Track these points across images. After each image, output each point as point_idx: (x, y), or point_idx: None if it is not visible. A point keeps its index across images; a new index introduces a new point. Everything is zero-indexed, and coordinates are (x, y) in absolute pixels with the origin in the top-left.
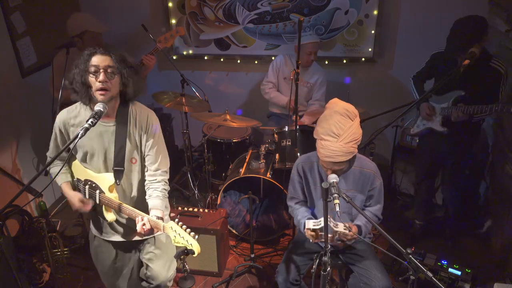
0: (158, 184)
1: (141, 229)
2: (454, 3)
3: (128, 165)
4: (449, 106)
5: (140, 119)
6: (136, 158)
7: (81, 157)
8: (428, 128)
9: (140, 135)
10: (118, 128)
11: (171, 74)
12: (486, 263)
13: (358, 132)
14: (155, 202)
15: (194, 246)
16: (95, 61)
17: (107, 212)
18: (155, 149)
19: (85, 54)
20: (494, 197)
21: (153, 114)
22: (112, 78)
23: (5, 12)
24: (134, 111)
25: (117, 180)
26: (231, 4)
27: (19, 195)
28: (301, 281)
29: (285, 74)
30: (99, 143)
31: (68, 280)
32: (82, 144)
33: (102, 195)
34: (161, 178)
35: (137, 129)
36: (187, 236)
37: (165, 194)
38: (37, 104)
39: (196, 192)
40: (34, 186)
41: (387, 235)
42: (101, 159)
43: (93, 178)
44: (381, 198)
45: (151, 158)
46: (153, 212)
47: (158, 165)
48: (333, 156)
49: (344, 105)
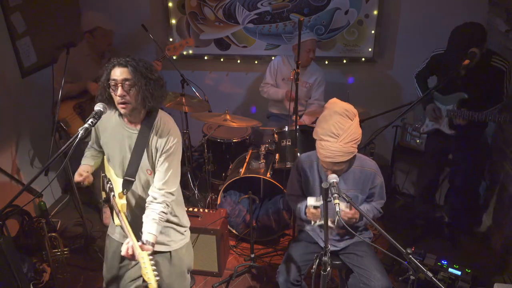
0: (157, 205)
1: (125, 252)
2: (454, 3)
3: (143, 176)
4: (454, 109)
5: (161, 133)
6: (151, 170)
7: (107, 156)
8: (436, 129)
9: (156, 148)
10: (140, 136)
11: (171, 74)
12: (486, 263)
13: (357, 131)
14: (150, 226)
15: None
16: (114, 74)
17: (115, 216)
18: (166, 166)
19: (107, 67)
20: (494, 197)
21: (176, 131)
22: (130, 91)
23: (5, 12)
24: (159, 123)
25: (124, 190)
26: (231, 4)
27: (19, 195)
28: (302, 281)
29: (283, 75)
30: (120, 148)
31: (68, 280)
32: (107, 143)
33: (113, 198)
34: (162, 199)
35: (157, 141)
36: (150, 273)
37: (162, 217)
38: (37, 104)
39: (196, 192)
40: (34, 186)
41: (387, 235)
42: (118, 164)
43: (112, 179)
44: (383, 194)
45: (160, 174)
46: (145, 236)
47: (163, 184)
48: (333, 157)
49: (343, 105)
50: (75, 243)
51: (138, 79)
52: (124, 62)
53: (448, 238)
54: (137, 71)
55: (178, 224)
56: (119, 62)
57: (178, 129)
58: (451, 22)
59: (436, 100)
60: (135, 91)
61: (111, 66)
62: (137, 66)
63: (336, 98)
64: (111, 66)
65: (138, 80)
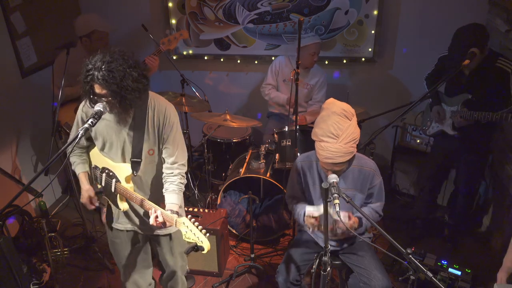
0: (174, 177)
1: (154, 221)
2: (454, 3)
3: (146, 157)
4: (458, 110)
5: (158, 111)
6: (153, 150)
7: (100, 146)
8: (440, 130)
9: (158, 127)
10: (137, 119)
11: (171, 74)
12: (486, 263)
13: (356, 131)
14: (171, 196)
15: (204, 244)
16: (96, 89)
17: (121, 201)
18: (172, 141)
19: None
20: (494, 197)
21: (171, 106)
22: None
23: (5, 12)
24: (152, 103)
25: (134, 171)
26: (231, 4)
27: (19, 195)
28: (302, 281)
29: (284, 76)
30: (118, 134)
31: (68, 280)
32: (102, 133)
33: (118, 184)
34: (178, 171)
35: (155, 121)
36: (198, 233)
37: (181, 188)
38: (37, 104)
39: (196, 192)
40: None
41: (387, 235)
42: (119, 149)
43: (110, 167)
44: (382, 195)
45: (169, 150)
46: (168, 206)
47: (175, 158)
48: (334, 158)
49: (341, 105)
50: (75, 243)
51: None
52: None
53: (448, 239)
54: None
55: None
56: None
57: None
58: (451, 22)
59: (443, 102)
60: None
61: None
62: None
63: (333, 98)
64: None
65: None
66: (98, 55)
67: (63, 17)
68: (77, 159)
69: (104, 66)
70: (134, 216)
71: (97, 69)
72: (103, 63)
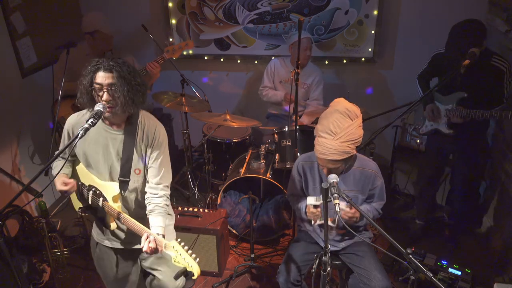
0: (160, 199)
1: (147, 248)
2: (454, 3)
3: (132, 176)
4: (453, 108)
5: (148, 131)
6: (140, 169)
7: (86, 163)
8: (435, 129)
9: (146, 146)
10: (126, 137)
11: (171, 74)
12: (486, 263)
13: (356, 133)
14: (158, 219)
15: (194, 269)
16: (99, 78)
17: (109, 220)
18: (159, 162)
19: (89, 67)
20: (494, 197)
21: (161, 127)
22: (115, 95)
23: (5, 12)
24: (143, 121)
25: (121, 191)
26: (231, 4)
27: (19, 195)
28: (302, 282)
29: (280, 77)
30: (105, 151)
31: (68, 280)
32: (89, 150)
33: (105, 203)
34: (162, 193)
35: (143, 140)
36: (188, 257)
37: (166, 210)
38: (37, 104)
39: (196, 192)
40: (34, 186)
41: (387, 235)
42: (106, 168)
43: (97, 185)
44: (383, 195)
45: (154, 170)
46: (154, 229)
47: (160, 179)
48: (327, 154)
49: (346, 105)
50: (75, 243)
51: (122, 84)
52: (108, 66)
53: (448, 239)
54: (121, 77)
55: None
56: (104, 66)
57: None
58: (451, 22)
59: (436, 100)
60: (119, 96)
61: (94, 68)
62: (121, 71)
63: (342, 98)
64: (94, 68)
65: (122, 86)
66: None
67: (63, 17)
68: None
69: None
70: (122, 234)
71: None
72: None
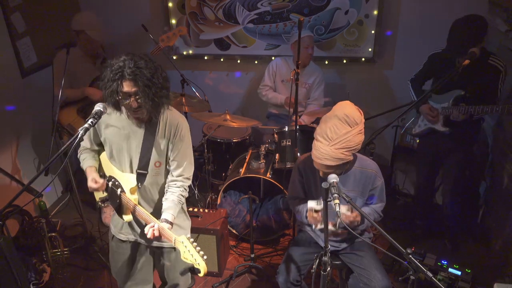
0: (176, 188)
1: (150, 235)
2: (454, 3)
3: (152, 169)
4: (449, 106)
5: (170, 124)
6: (160, 162)
7: (109, 153)
8: (429, 128)
9: (168, 139)
10: (147, 130)
11: (171, 74)
12: (486, 263)
13: (354, 140)
14: (168, 205)
15: (201, 266)
16: (125, 87)
17: (125, 212)
18: (181, 155)
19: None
20: (494, 197)
21: (184, 120)
22: (144, 102)
23: (5, 12)
24: (166, 115)
25: (139, 183)
26: (231, 4)
27: (19, 195)
28: (302, 282)
29: (282, 76)
30: (127, 143)
31: (68, 280)
32: (110, 140)
33: (123, 194)
34: (181, 183)
35: (165, 134)
36: (196, 254)
37: (181, 199)
38: (37, 104)
39: (196, 192)
40: (34, 186)
41: (387, 235)
42: (127, 158)
43: (116, 176)
44: (383, 196)
45: (176, 163)
46: (164, 215)
47: (181, 171)
48: (321, 159)
49: (346, 110)
50: (75, 243)
51: (148, 91)
52: (132, 74)
53: (448, 239)
54: (145, 85)
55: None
56: (128, 73)
57: (184, 117)
58: (451, 22)
59: (430, 99)
60: (147, 102)
61: (118, 76)
62: (146, 77)
63: (347, 102)
64: (118, 76)
65: (148, 92)
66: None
67: (63, 17)
68: (87, 156)
69: (132, 63)
70: (138, 227)
71: (126, 67)
72: (131, 61)
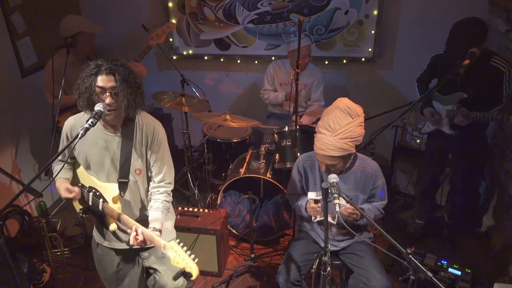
0: (160, 195)
1: (133, 241)
2: (454, 3)
3: (133, 176)
4: (454, 110)
5: (146, 131)
6: (140, 169)
7: (86, 165)
8: (437, 129)
9: (146, 146)
10: (124, 139)
11: (171, 74)
12: (486, 263)
13: (356, 130)
14: (155, 214)
15: (193, 270)
16: (100, 82)
17: (109, 222)
18: (161, 161)
19: (89, 70)
20: (494, 197)
21: (159, 125)
22: (117, 98)
23: (5, 12)
24: (140, 122)
25: (121, 192)
26: (231, 4)
27: (19, 195)
28: (302, 281)
29: (280, 80)
30: (104, 153)
31: (68, 280)
32: (86, 152)
33: (105, 204)
34: (164, 189)
35: (143, 141)
36: (187, 258)
37: (166, 205)
38: (37, 104)
39: (196, 192)
40: (34, 186)
41: (387, 235)
42: (105, 169)
43: (97, 187)
44: (385, 195)
45: (156, 169)
46: (152, 224)
47: (162, 176)
48: (325, 150)
49: (347, 103)
50: (75, 243)
51: (124, 87)
52: (109, 69)
53: (448, 239)
54: (123, 79)
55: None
56: (106, 68)
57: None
58: (451, 22)
59: (435, 100)
60: (123, 99)
61: (95, 71)
62: (123, 74)
63: (346, 98)
64: (95, 71)
65: (124, 88)
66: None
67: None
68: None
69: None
70: (122, 234)
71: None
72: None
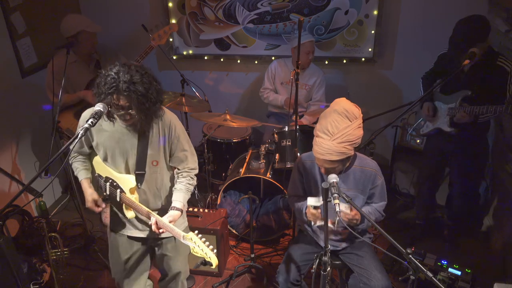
0: (183, 178)
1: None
2: (454, 3)
3: (149, 168)
4: (456, 107)
5: (163, 124)
6: (157, 161)
7: (103, 157)
8: (437, 129)
9: (164, 136)
10: (141, 132)
11: (171, 74)
12: (486, 263)
13: (354, 134)
14: (177, 194)
15: (212, 259)
16: (117, 100)
17: (127, 210)
18: (181, 151)
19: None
20: (494, 197)
21: (175, 118)
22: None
23: (5, 12)
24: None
25: (138, 184)
26: (231, 4)
27: (19, 195)
28: (302, 281)
29: (281, 79)
30: (121, 145)
31: (68, 280)
32: (104, 144)
33: (123, 195)
34: (186, 173)
35: (160, 133)
36: (206, 248)
37: (189, 188)
38: (37, 104)
39: (196, 192)
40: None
41: (387, 235)
42: (123, 161)
43: (114, 177)
44: (384, 195)
45: (178, 159)
46: (173, 203)
47: (185, 164)
48: (324, 154)
49: (345, 105)
50: (75, 243)
51: (141, 104)
52: (127, 89)
53: (448, 239)
54: (139, 100)
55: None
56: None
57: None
58: (451, 22)
59: (438, 100)
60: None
61: (113, 89)
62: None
63: (344, 98)
64: (113, 89)
65: (141, 107)
66: (117, 67)
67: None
68: (79, 166)
69: (127, 77)
70: (137, 222)
71: (121, 81)
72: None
